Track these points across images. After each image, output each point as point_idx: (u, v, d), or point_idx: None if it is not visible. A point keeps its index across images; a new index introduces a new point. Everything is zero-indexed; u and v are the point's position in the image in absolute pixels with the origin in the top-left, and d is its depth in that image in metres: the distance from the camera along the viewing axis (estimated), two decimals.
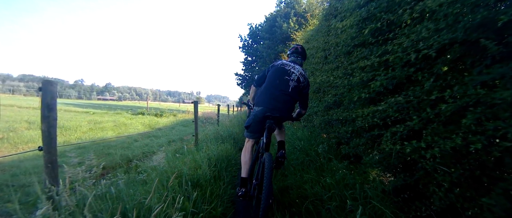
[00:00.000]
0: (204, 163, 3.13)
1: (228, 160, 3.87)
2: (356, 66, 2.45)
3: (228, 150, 4.32)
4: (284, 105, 2.20)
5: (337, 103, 3.21)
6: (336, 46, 3.18)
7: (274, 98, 2.18)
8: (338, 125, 3.12)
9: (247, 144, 2.32)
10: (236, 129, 6.51)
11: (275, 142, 2.73)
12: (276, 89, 2.22)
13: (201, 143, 5.34)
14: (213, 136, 5.60)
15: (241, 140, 5.96)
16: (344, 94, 2.78)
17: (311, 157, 3.22)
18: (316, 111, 3.99)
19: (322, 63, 3.87)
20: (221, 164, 3.47)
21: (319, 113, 3.78)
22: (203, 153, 3.70)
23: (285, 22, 19.68)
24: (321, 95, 3.90)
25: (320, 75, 3.87)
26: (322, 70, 3.76)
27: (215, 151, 3.81)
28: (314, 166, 2.89)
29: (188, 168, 2.75)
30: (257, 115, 2.20)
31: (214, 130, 6.10)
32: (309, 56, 4.76)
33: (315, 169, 2.85)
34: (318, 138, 3.92)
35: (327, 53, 3.73)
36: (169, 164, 2.99)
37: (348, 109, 2.64)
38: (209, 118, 13.90)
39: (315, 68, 4.36)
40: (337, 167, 2.70)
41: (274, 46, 21.02)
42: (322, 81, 3.70)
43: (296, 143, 3.92)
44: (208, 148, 4.13)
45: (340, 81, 2.81)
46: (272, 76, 2.32)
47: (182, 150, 5.25)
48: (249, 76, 29.68)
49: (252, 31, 27.83)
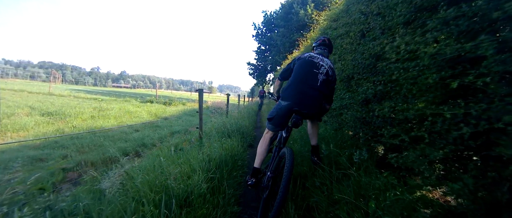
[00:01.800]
0: (201, 167, 2.41)
1: (233, 161, 3.15)
2: (422, 39, 1.62)
3: (234, 148, 3.59)
4: (313, 101, 2.10)
5: (380, 95, 2.37)
6: (385, 16, 2.32)
7: (301, 92, 2.09)
8: (379, 123, 2.29)
9: (266, 135, 2.25)
10: (245, 122, 5.76)
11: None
12: (304, 84, 2.12)
13: (205, 137, 4.66)
14: (219, 130, 4.89)
15: (250, 135, 5.22)
16: (398, 81, 1.95)
17: (342, 165, 2.43)
18: (345, 104, 3.16)
19: (357, 43, 3.01)
20: (224, 167, 2.74)
21: (351, 107, 2.95)
22: (203, 152, 2.98)
23: (302, 8, 18.47)
24: (353, 85, 3.06)
25: (353, 59, 3.03)
26: (358, 52, 2.91)
27: (218, 150, 3.08)
28: (348, 182, 2.10)
29: (175, 179, 2.02)
30: (282, 109, 2.11)
31: (220, 123, 5.38)
32: (336, 37, 3.90)
33: (351, 186, 2.06)
34: (346, 139, 3.11)
35: (365, 30, 2.86)
36: (154, 169, 2.28)
37: (408, 103, 1.82)
38: (218, 108, 13.25)
39: (344, 51, 3.51)
40: (384, 184, 1.90)
41: (289, 34, 19.93)
42: (357, 66, 2.86)
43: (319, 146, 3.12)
44: (210, 145, 3.41)
45: (392, 64, 1.97)
46: (300, 69, 2.22)
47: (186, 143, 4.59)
48: (261, 66, 28.76)
49: (267, 19, 26.69)
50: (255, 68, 29.08)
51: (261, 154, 2.20)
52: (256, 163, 2.19)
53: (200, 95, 4.97)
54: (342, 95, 3.32)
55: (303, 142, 3.74)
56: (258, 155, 2.21)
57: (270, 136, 2.25)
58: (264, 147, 2.21)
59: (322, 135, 3.58)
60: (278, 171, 2.08)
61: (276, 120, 2.16)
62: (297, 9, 18.77)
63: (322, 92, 2.13)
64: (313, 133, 2.47)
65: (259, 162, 2.18)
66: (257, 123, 8.76)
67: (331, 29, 4.30)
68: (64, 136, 4.76)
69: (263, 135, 2.27)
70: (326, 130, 3.92)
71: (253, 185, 2.09)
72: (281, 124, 2.16)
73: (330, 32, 4.25)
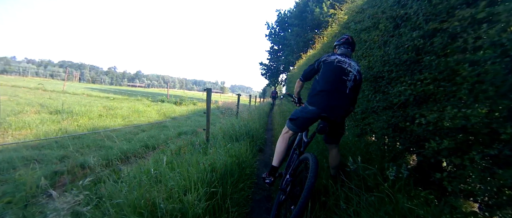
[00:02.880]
0: (202, 179, 2.03)
1: (240, 170, 2.75)
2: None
3: (242, 154, 3.19)
4: (341, 110, 2.05)
5: (421, 96, 1.91)
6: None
7: (331, 101, 2.03)
8: (422, 132, 1.83)
9: (285, 134, 2.21)
10: (256, 124, 5.35)
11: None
12: (334, 93, 2.05)
13: (212, 140, 4.30)
14: (227, 132, 4.51)
15: (260, 138, 4.81)
16: (455, 79, 1.48)
17: (372, 180, 1.97)
18: (374, 107, 2.69)
19: (390, 35, 2.54)
20: (228, 178, 2.35)
21: (382, 111, 2.49)
22: (205, 159, 2.59)
23: (317, 6, 17.86)
24: (382, 85, 2.59)
25: (384, 54, 2.56)
26: (390, 46, 2.44)
27: (224, 158, 2.69)
28: (385, 208, 1.64)
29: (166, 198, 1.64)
30: (309, 113, 2.07)
31: (229, 125, 5.00)
32: (361, 30, 3.44)
33: (388, 213, 1.60)
34: (372, 148, 2.64)
35: (400, 19, 2.39)
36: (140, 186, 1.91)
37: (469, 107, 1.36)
38: (228, 109, 12.92)
39: (370, 46, 3.04)
40: (432, 213, 1.45)
41: (303, 33, 19.36)
42: (389, 62, 2.40)
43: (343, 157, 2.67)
44: (214, 151, 3.03)
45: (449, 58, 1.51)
46: (328, 75, 2.12)
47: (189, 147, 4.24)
48: (274, 66, 28.29)
49: (281, 18, 26.21)
50: (267, 68, 28.66)
51: (280, 153, 2.18)
52: (274, 162, 2.18)
53: (208, 94, 4.61)
54: (369, 96, 2.86)
55: (319, 150, 3.30)
56: (277, 154, 2.18)
57: (289, 136, 2.21)
58: (283, 146, 2.18)
59: (343, 143, 3.13)
60: (297, 175, 2.03)
61: (299, 122, 2.12)
62: (312, 7, 18.19)
63: (351, 99, 2.11)
64: (336, 162, 2.26)
65: (278, 161, 2.17)
66: (268, 125, 8.33)
67: (354, 22, 3.83)
68: (65, 136, 4.52)
69: (282, 134, 2.23)
70: (347, 136, 3.46)
71: (270, 184, 2.14)
72: (303, 127, 2.14)
73: (353, 25, 3.78)
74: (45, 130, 5.04)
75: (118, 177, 2.16)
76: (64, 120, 6.53)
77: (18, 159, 3.48)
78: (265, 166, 3.57)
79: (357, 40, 3.51)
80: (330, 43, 5.40)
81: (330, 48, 5.24)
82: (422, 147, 1.93)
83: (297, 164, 2.04)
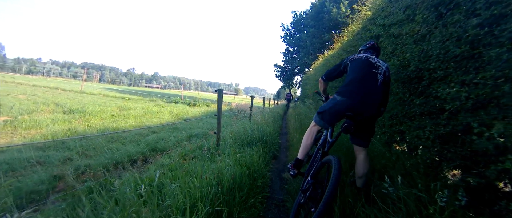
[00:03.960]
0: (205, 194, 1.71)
1: (251, 181, 2.42)
2: None
3: (254, 162, 2.85)
4: (374, 101, 1.88)
5: (482, 101, 1.50)
6: None
7: (362, 91, 1.90)
8: (491, 147, 1.42)
9: (312, 128, 2.12)
10: (270, 128, 5.00)
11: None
12: (364, 84, 1.94)
13: (222, 144, 4.01)
14: (239, 137, 4.19)
15: (274, 144, 4.45)
16: None
17: (413, 207, 1.58)
18: (411, 112, 2.28)
19: (434, 25, 2.12)
20: (237, 193, 2.02)
21: (422, 119, 2.08)
22: (211, 171, 2.28)
23: (335, 6, 17.30)
24: (423, 86, 2.17)
25: (423, 51, 2.15)
26: (433, 39, 2.03)
27: (232, 168, 2.36)
28: None
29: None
30: (337, 104, 1.95)
31: (241, 128, 4.68)
32: (390, 25, 3.04)
33: None
34: (410, 162, 2.22)
35: (446, 8, 1.98)
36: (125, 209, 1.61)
37: None
38: (242, 111, 12.67)
39: (403, 42, 2.63)
40: None
41: (320, 35, 18.82)
42: (431, 59, 2.00)
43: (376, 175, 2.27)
44: (224, 159, 2.71)
45: None
46: (357, 69, 2.05)
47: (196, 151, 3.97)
48: (289, 68, 27.84)
49: (296, 19, 25.76)
50: (282, 70, 28.24)
51: (306, 147, 2.09)
52: (300, 155, 2.10)
53: (219, 96, 4.31)
54: (404, 99, 2.44)
55: (341, 155, 2.91)
56: (303, 147, 2.11)
57: (316, 130, 2.12)
58: (310, 140, 2.10)
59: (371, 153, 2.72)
60: (318, 178, 1.98)
61: (327, 115, 2.01)
62: (329, 7, 17.63)
63: (382, 93, 1.94)
64: (363, 171, 2.01)
65: (303, 154, 2.09)
66: (283, 128, 7.95)
67: (382, 16, 3.41)
68: (69, 138, 4.37)
69: (309, 127, 2.15)
70: (372, 144, 3.03)
71: (294, 176, 2.04)
72: (331, 120, 2.02)
73: (381, 20, 3.36)
74: (54, 130, 4.95)
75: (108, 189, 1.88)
76: (76, 120, 6.48)
77: (20, 160, 3.34)
78: (280, 175, 3.21)
79: (386, 36, 3.11)
80: (351, 42, 4.97)
81: (352, 47, 4.83)
82: (476, 165, 1.53)
83: (319, 166, 1.95)
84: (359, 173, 2.02)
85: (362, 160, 2.02)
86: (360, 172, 2.01)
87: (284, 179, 3.03)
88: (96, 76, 68.13)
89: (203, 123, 8.69)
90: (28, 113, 6.32)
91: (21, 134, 4.63)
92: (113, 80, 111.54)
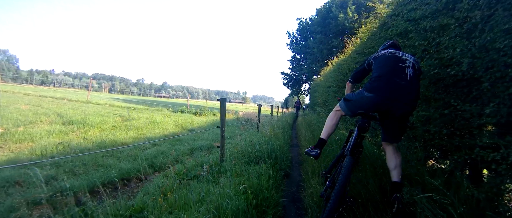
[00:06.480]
0: None
1: (260, 214, 1.93)
2: None
3: (262, 186, 2.36)
4: (406, 100, 1.73)
5: None
6: None
7: (391, 87, 1.77)
8: None
9: (337, 111, 2.07)
10: (280, 141, 4.50)
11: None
12: (393, 77, 1.79)
13: (227, 160, 3.56)
14: (245, 153, 3.72)
15: (286, 159, 3.95)
16: None
17: None
18: (458, 124, 1.78)
19: (488, 14, 1.64)
20: None
21: (480, 131, 1.57)
22: (208, 202, 1.80)
23: (341, 11, 16.89)
24: (474, 90, 1.67)
25: (477, 46, 1.67)
26: (494, 29, 1.55)
27: (235, 201, 1.87)
28: None
29: None
30: (364, 99, 1.84)
31: (248, 142, 4.21)
32: (420, 18, 2.58)
33: None
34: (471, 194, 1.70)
35: None
36: None
37: None
38: (249, 119, 12.19)
39: (449, 33, 2.15)
40: None
41: (327, 41, 18.39)
42: (488, 55, 1.51)
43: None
44: (225, 185, 2.23)
45: None
46: (382, 65, 1.94)
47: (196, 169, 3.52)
48: (296, 75, 27.41)
49: (302, 26, 25.47)
50: (289, 77, 27.84)
51: (330, 127, 2.08)
52: (323, 135, 2.08)
53: (222, 105, 3.87)
54: (456, 105, 1.94)
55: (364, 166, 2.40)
56: (326, 127, 2.10)
57: (340, 115, 2.08)
58: (334, 122, 2.08)
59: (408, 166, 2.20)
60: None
61: (352, 105, 1.94)
62: (336, 13, 17.23)
63: (413, 89, 1.77)
64: (396, 162, 1.87)
65: (327, 135, 2.07)
66: (293, 139, 7.42)
67: (407, 10, 2.93)
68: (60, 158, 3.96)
69: (334, 110, 2.12)
70: (409, 154, 2.51)
71: (316, 156, 1.98)
72: (354, 112, 1.95)
73: (407, 14, 2.88)
74: (44, 144, 4.58)
75: None
76: (73, 132, 6.15)
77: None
78: (295, 201, 2.69)
79: (416, 31, 2.63)
80: (366, 43, 4.48)
81: (367, 49, 4.35)
82: None
83: (338, 170, 1.91)
84: (391, 166, 1.89)
85: (391, 153, 1.91)
86: (392, 164, 1.88)
87: (300, 207, 2.51)
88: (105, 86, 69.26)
89: (208, 134, 8.25)
90: (25, 125, 6.03)
91: (10, 148, 4.28)
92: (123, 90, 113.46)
